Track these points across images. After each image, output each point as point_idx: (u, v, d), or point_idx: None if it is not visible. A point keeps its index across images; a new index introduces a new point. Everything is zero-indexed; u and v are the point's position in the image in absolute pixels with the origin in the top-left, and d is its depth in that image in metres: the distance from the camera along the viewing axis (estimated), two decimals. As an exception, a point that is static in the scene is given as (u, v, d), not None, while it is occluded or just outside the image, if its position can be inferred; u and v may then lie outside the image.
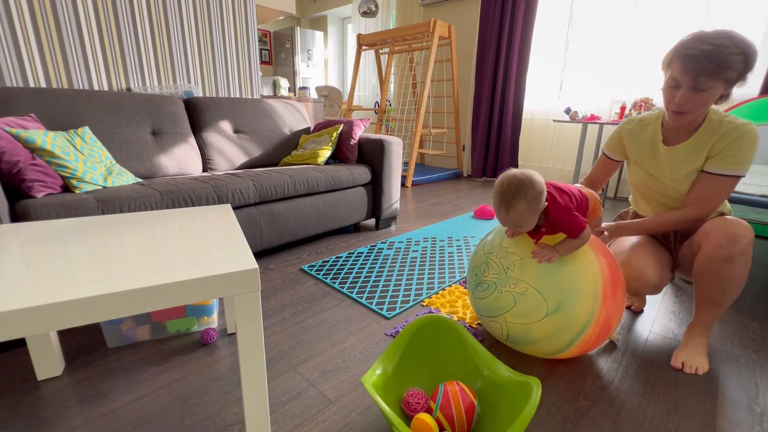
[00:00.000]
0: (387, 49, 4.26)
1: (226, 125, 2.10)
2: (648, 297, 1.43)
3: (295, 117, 2.45)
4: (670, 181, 1.10)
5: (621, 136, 1.21)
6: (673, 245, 1.20)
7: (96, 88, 1.94)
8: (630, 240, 1.22)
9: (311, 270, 1.65)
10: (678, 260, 1.18)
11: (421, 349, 0.94)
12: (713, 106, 1.01)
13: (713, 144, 1.00)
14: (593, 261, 0.96)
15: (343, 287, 1.50)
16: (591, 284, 0.94)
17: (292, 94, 4.18)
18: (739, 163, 0.97)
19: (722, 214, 1.11)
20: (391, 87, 4.81)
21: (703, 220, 1.05)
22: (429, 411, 0.79)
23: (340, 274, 1.63)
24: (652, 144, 1.13)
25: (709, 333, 1.10)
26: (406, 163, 4.55)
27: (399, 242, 2.03)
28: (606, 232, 1.17)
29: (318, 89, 4.74)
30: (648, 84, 2.99)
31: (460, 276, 1.63)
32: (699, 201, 1.04)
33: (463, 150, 4.33)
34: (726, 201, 1.12)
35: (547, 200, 0.94)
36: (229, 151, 2.07)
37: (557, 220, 0.95)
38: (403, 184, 3.67)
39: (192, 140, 1.97)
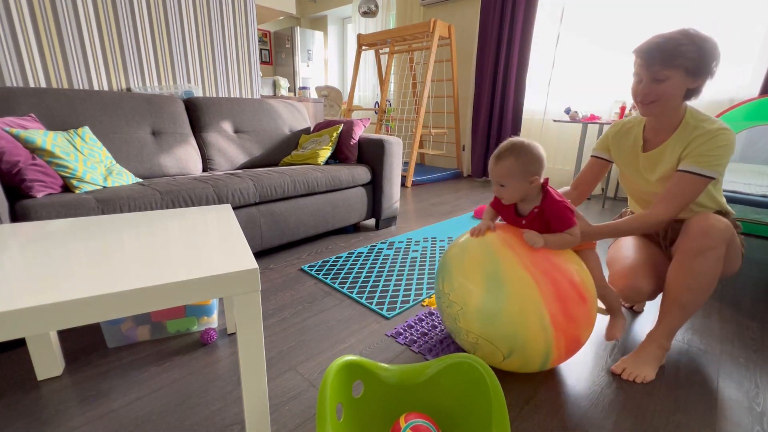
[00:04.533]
0: (387, 49, 4.26)
1: (226, 125, 2.10)
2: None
3: (295, 117, 2.45)
4: (648, 184, 1.10)
5: (608, 137, 1.21)
6: (663, 247, 1.20)
7: (96, 88, 1.94)
8: (624, 246, 1.23)
9: (311, 270, 1.65)
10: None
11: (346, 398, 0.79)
12: (692, 109, 1.01)
13: (687, 144, 0.98)
14: (530, 289, 0.86)
15: (343, 287, 1.50)
16: (534, 318, 0.86)
17: (292, 94, 4.18)
18: (709, 163, 0.94)
19: (726, 213, 1.09)
20: (391, 87, 4.80)
21: (669, 221, 1.01)
22: None
23: (340, 274, 1.63)
24: (633, 149, 1.13)
25: (668, 344, 1.04)
26: (406, 163, 4.55)
27: (399, 242, 2.03)
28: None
29: (318, 89, 4.74)
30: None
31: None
32: (665, 199, 1.00)
33: (463, 150, 4.33)
34: (725, 203, 1.10)
35: (542, 188, 0.96)
36: (229, 151, 2.07)
37: (548, 209, 0.94)
38: (403, 184, 3.67)
39: (192, 140, 1.97)
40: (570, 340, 0.90)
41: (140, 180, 1.60)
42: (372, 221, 2.45)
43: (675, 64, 0.92)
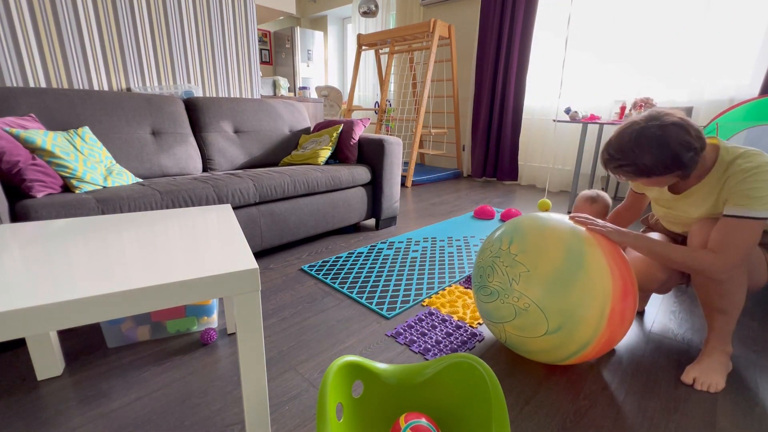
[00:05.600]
0: (387, 49, 4.26)
1: (226, 125, 2.10)
2: (650, 296, 1.43)
3: (295, 117, 2.45)
4: (688, 218, 1.05)
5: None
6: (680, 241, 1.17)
7: (96, 88, 1.94)
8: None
9: (311, 270, 1.65)
10: None
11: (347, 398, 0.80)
12: (724, 146, 0.94)
13: (724, 183, 0.92)
14: (606, 281, 0.88)
15: (343, 287, 1.50)
16: (598, 308, 0.88)
17: (292, 94, 4.18)
18: (752, 201, 0.86)
19: None
20: (391, 87, 4.81)
21: (720, 273, 0.91)
22: None
23: (340, 274, 1.63)
24: (660, 192, 1.10)
25: (728, 348, 1.03)
26: (406, 163, 4.55)
27: (399, 242, 2.03)
28: (602, 229, 1.02)
29: (318, 89, 4.74)
30: (648, 84, 2.99)
31: (460, 276, 1.63)
32: (714, 245, 0.90)
33: (463, 150, 4.33)
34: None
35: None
36: (229, 151, 2.07)
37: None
38: (403, 184, 3.67)
39: (192, 140, 1.97)
40: (610, 339, 0.93)
41: (140, 180, 1.60)
42: (372, 221, 2.45)
43: (631, 179, 0.95)
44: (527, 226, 1.00)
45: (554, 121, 3.27)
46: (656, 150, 0.87)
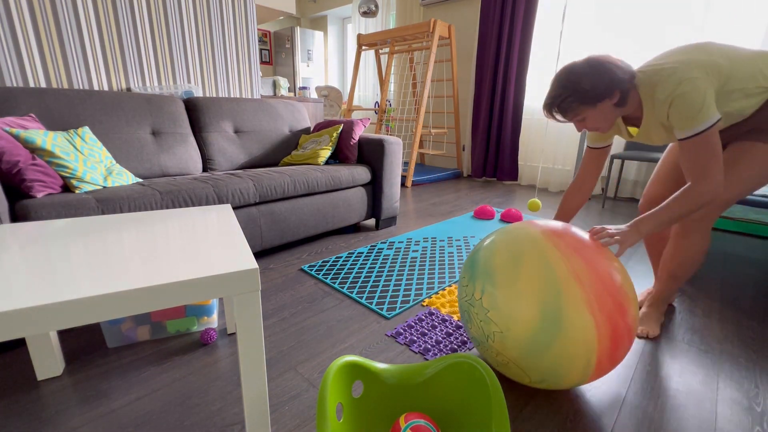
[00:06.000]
0: (387, 49, 4.26)
1: (226, 125, 2.10)
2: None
3: (295, 117, 2.45)
4: (662, 140, 1.10)
5: (594, 138, 1.24)
6: None
7: (96, 88, 1.94)
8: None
9: (311, 270, 1.65)
10: None
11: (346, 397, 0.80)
12: (642, 85, 1.00)
13: (663, 115, 0.98)
14: (589, 334, 0.78)
15: (343, 287, 1.50)
16: (582, 362, 0.80)
17: (292, 94, 4.18)
18: (691, 121, 0.92)
19: None
20: (391, 87, 4.81)
21: (716, 195, 0.94)
22: None
23: (340, 274, 1.63)
24: (619, 129, 1.16)
25: (664, 306, 1.27)
26: (406, 163, 4.55)
27: (399, 242, 2.03)
28: (619, 237, 0.95)
29: (318, 89, 4.74)
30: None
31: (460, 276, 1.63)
32: (692, 174, 0.96)
33: (463, 150, 4.33)
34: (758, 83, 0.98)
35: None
36: (229, 150, 2.07)
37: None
38: (403, 184, 3.67)
39: (192, 140, 1.97)
40: (601, 374, 0.87)
41: (140, 180, 1.60)
42: (372, 221, 2.45)
43: (576, 112, 0.99)
44: (497, 266, 0.87)
45: (554, 121, 3.27)
46: (590, 73, 0.95)
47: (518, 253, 0.87)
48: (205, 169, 2.01)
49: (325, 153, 2.11)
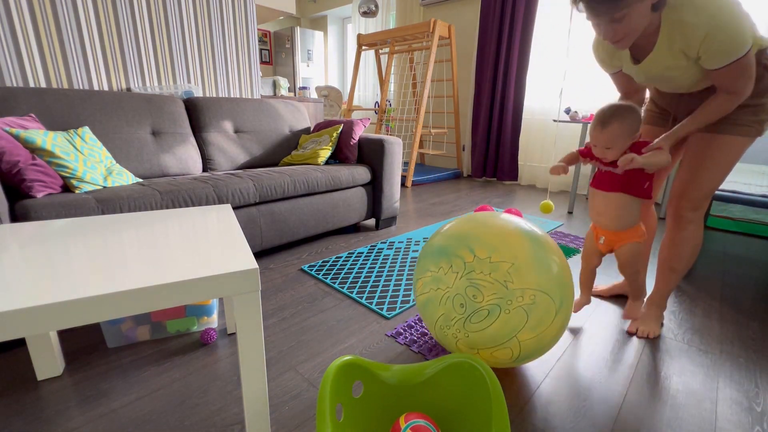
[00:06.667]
0: (387, 49, 4.26)
1: (226, 125, 2.10)
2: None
3: (295, 117, 2.45)
4: (670, 74, 1.05)
5: (602, 59, 1.18)
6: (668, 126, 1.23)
7: (96, 88, 1.94)
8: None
9: (311, 270, 1.65)
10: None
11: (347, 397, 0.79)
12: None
13: (688, 44, 0.93)
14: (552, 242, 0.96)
15: (343, 287, 1.50)
16: (567, 268, 0.95)
17: (292, 94, 4.18)
18: (729, 52, 0.89)
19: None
20: (391, 87, 4.80)
21: (742, 99, 0.98)
22: None
23: (340, 274, 1.63)
24: (626, 63, 1.12)
25: (664, 304, 1.26)
26: (406, 163, 4.55)
27: (399, 242, 2.03)
28: (662, 148, 1.05)
29: (318, 89, 4.74)
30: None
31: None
32: (724, 88, 0.98)
33: (463, 150, 4.33)
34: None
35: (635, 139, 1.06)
36: (229, 151, 2.07)
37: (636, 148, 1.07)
38: (403, 184, 3.67)
39: (192, 140, 1.97)
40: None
41: (140, 180, 1.60)
42: (372, 221, 2.45)
43: (629, 2, 0.87)
44: (471, 230, 0.95)
45: (554, 121, 3.27)
46: None
47: (475, 219, 0.99)
48: (205, 169, 2.01)
49: (325, 153, 2.11)
